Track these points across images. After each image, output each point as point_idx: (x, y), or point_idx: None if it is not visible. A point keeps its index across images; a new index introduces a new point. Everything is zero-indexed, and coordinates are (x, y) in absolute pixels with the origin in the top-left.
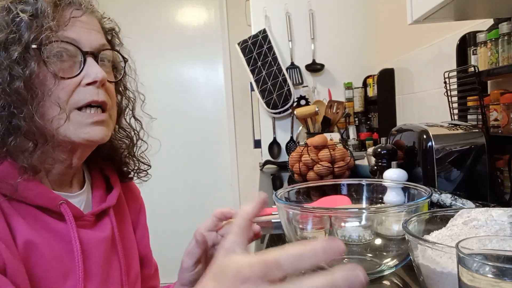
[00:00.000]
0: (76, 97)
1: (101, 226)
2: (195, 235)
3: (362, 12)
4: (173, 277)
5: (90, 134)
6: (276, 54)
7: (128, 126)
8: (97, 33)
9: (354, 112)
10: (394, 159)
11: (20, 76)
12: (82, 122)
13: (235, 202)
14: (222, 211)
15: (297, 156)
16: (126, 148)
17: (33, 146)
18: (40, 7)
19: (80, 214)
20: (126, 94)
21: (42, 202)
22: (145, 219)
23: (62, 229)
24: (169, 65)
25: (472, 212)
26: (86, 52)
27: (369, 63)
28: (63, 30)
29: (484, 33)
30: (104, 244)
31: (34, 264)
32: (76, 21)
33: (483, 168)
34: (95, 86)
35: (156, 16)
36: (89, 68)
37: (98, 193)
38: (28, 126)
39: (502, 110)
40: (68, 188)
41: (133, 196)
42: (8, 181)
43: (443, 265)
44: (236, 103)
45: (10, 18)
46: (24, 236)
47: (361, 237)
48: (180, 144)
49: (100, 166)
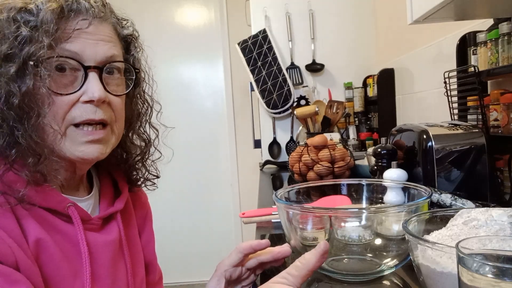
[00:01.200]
0: (74, 114)
1: (108, 230)
2: (219, 272)
3: (362, 12)
4: (173, 277)
5: (85, 152)
6: (276, 54)
7: (143, 133)
8: (105, 44)
9: (354, 112)
10: (394, 159)
11: (15, 94)
12: (77, 140)
13: (235, 202)
14: (250, 244)
15: (297, 156)
16: (139, 154)
17: (36, 160)
18: (41, 18)
19: (87, 218)
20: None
21: (50, 204)
22: (152, 226)
23: (70, 231)
24: (169, 65)
25: (472, 212)
26: (88, 67)
27: (369, 63)
28: (65, 43)
29: (484, 33)
30: (111, 247)
31: (44, 263)
32: (82, 32)
33: (483, 168)
34: (93, 104)
35: (156, 16)
36: (89, 84)
37: (106, 197)
38: (26, 142)
39: (502, 110)
40: (75, 192)
41: (140, 202)
42: (16, 189)
43: (443, 265)
44: (236, 103)
45: (12, 30)
46: (35, 235)
47: (361, 237)
48: (180, 144)
49: (109, 170)
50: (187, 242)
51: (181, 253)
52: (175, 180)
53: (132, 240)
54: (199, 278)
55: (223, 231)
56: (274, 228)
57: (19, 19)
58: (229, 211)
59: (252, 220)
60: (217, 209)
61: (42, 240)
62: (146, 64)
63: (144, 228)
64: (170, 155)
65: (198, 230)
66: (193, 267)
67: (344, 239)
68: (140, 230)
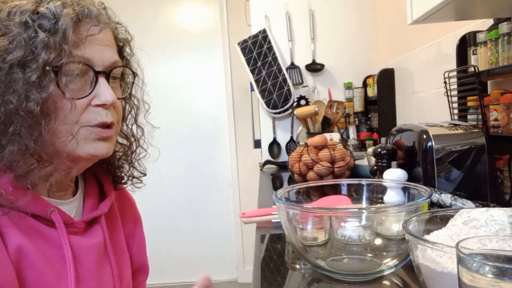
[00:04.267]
0: (87, 117)
1: (92, 233)
2: None
3: (362, 12)
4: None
5: (96, 149)
6: (276, 54)
7: (129, 132)
8: (110, 49)
9: (354, 112)
10: (394, 159)
11: (35, 99)
12: (90, 137)
13: (235, 202)
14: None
15: (297, 156)
16: (123, 152)
17: (37, 163)
18: (60, 24)
19: (70, 221)
20: (131, 102)
21: (33, 209)
22: (142, 230)
23: (53, 235)
24: (169, 65)
25: (472, 212)
26: (98, 72)
27: (369, 63)
28: (78, 49)
29: (484, 33)
30: (95, 250)
31: (26, 269)
32: (93, 38)
33: (483, 168)
34: (105, 108)
35: (156, 16)
36: (100, 89)
37: (90, 200)
38: (36, 146)
39: (502, 110)
40: (62, 194)
41: (128, 206)
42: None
43: (443, 265)
44: (236, 103)
45: (28, 35)
46: (16, 242)
47: (361, 237)
48: (180, 144)
49: (94, 172)
50: (187, 242)
51: (181, 253)
52: (175, 180)
53: (117, 244)
54: (198, 277)
55: (223, 231)
56: (274, 228)
57: (33, 23)
58: (229, 211)
59: (252, 220)
60: (217, 209)
61: (23, 246)
62: (138, 67)
63: (135, 231)
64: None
65: (198, 230)
66: (193, 267)
67: (344, 239)
68: (131, 233)
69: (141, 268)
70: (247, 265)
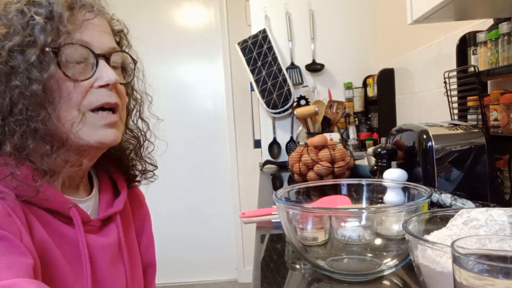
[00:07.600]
0: (90, 99)
1: (107, 232)
2: None
3: (362, 12)
4: (173, 277)
5: (103, 136)
6: (276, 54)
7: (135, 127)
8: (108, 35)
9: (354, 112)
10: (394, 159)
11: (38, 79)
12: (96, 124)
13: (235, 202)
14: None
15: (297, 156)
16: (133, 150)
17: (50, 149)
18: (55, 10)
19: (87, 219)
20: (134, 96)
21: (52, 205)
22: (151, 227)
23: (70, 233)
24: (169, 65)
25: (472, 212)
26: (98, 55)
27: (369, 63)
28: (76, 33)
29: (484, 33)
30: (111, 250)
31: (48, 264)
32: (89, 23)
33: (483, 168)
34: (108, 88)
35: (156, 16)
36: (101, 70)
37: (105, 198)
38: (45, 128)
39: (502, 110)
40: (75, 192)
41: (138, 203)
42: (29, 184)
43: (443, 265)
44: (236, 103)
45: (25, 21)
46: (40, 236)
47: (361, 237)
48: (180, 144)
49: (107, 170)
50: (187, 242)
51: (181, 253)
52: (175, 180)
53: (130, 242)
54: (199, 278)
55: (223, 231)
56: (274, 228)
57: (29, 11)
58: (229, 211)
59: (252, 220)
60: (217, 209)
61: (46, 242)
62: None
63: (143, 229)
64: (169, 155)
65: (198, 230)
66: (193, 266)
67: (344, 239)
68: (139, 231)
69: (150, 265)
70: (247, 265)
